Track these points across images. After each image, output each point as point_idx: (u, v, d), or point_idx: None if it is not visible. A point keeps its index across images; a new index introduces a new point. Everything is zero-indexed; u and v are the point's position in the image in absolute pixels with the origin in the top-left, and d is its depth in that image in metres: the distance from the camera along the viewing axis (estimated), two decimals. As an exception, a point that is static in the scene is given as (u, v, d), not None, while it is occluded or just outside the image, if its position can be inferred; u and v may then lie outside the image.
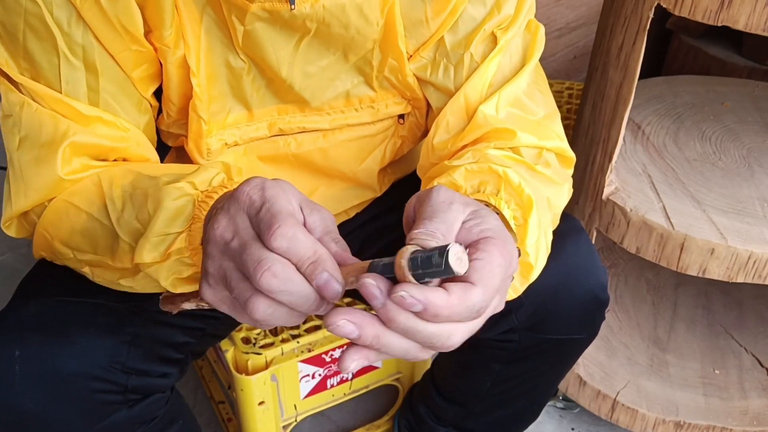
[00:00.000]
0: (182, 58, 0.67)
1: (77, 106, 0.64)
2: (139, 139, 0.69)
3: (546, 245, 0.65)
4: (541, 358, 0.85)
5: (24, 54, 0.63)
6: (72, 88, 0.64)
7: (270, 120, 0.75)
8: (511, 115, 0.71)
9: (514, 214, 0.61)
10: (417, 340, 0.46)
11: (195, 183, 0.57)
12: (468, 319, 0.46)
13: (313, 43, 0.70)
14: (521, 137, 0.69)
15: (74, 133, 0.64)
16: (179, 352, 0.77)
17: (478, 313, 0.46)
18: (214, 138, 0.72)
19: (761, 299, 1.39)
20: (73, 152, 0.64)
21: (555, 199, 0.70)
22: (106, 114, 0.66)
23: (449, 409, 0.99)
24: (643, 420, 1.15)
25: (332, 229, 0.51)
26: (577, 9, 1.91)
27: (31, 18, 0.61)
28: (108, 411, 0.70)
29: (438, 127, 0.73)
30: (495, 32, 0.71)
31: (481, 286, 0.45)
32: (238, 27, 0.66)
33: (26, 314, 0.67)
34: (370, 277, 0.45)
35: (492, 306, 0.49)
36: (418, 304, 0.43)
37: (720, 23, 0.84)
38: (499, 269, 0.47)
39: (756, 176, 1.09)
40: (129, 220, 0.61)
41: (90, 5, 0.61)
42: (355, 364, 0.46)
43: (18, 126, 0.64)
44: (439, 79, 0.73)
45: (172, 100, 0.70)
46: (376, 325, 0.45)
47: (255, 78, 0.71)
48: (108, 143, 0.66)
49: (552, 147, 0.72)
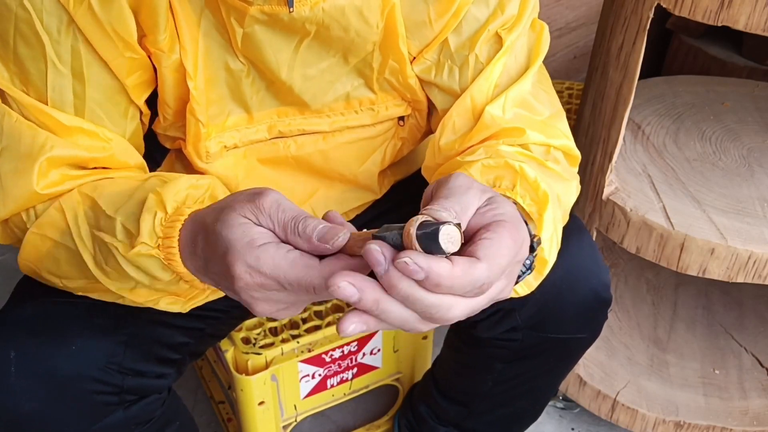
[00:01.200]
0: (178, 61, 0.67)
1: (59, 116, 0.64)
2: (123, 147, 0.69)
3: (557, 241, 0.66)
4: (543, 358, 0.85)
5: (14, 59, 0.62)
6: (58, 96, 0.64)
7: (270, 122, 0.75)
8: (517, 115, 0.71)
9: (530, 209, 0.62)
10: (416, 309, 0.46)
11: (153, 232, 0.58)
12: (470, 294, 0.46)
13: (313, 46, 0.69)
14: (530, 135, 0.69)
15: (51, 147, 0.63)
16: (177, 352, 0.77)
17: (480, 290, 0.46)
18: (214, 141, 0.72)
19: (761, 299, 1.39)
20: (50, 165, 0.64)
21: (564, 195, 0.70)
22: (88, 124, 0.65)
23: (450, 408, 0.99)
24: (643, 420, 1.15)
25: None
26: (577, 9, 1.91)
27: (21, 24, 0.60)
28: (104, 412, 0.70)
29: (444, 128, 0.73)
30: (499, 32, 0.71)
31: (486, 262, 0.46)
32: (237, 29, 0.66)
33: (22, 315, 0.67)
34: (375, 243, 0.45)
35: (497, 288, 0.49)
36: (420, 271, 0.43)
37: (720, 23, 0.84)
38: (507, 250, 0.47)
39: (756, 176, 1.09)
40: (100, 261, 0.62)
41: (84, 12, 0.61)
42: (353, 327, 0.46)
43: (0, 135, 0.64)
44: (444, 80, 0.73)
45: (168, 104, 0.70)
46: (377, 291, 0.45)
47: (254, 80, 0.71)
48: (86, 154, 0.66)
49: (559, 145, 0.72)
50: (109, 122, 0.67)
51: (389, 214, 0.89)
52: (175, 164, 0.80)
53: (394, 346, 1.09)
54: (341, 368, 1.06)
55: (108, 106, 0.67)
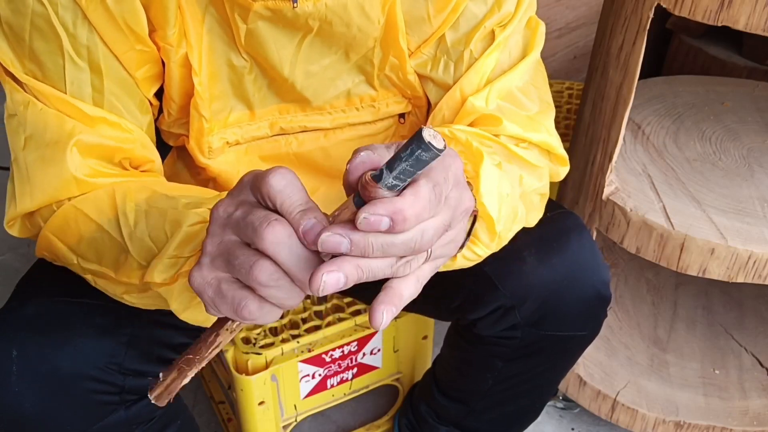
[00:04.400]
0: (185, 56, 0.67)
1: (82, 106, 0.64)
2: (143, 141, 0.69)
3: (514, 212, 0.66)
4: (543, 355, 0.86)
5: (30, 54, 0.63)
6: (77, 89, 0.64)
7: (271, 119, 0.75)
8: (500, 107, 0.71)
9: (465, 167, 0.60)
10: (395, 253, 0.44)
11: None
12: (434, 212, 0.45)
13: (315, 42, 0.70)
14: (506, 126, 0.70)
15: (80, 132, 0.64)
16: (177, 353, 0.76)
17: (438, 200, 0.45)
18: (216, 136, 0.73)
19: (761, 299, 1.39)
20: (81, 152, 0.64)
21: (530, 179, 0.70)
22: (110, 115, 0.66)
23: (450, 407, 0.99)
24: (643, 420, 1.15)
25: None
26: (577, 9, 1.91)
27: (37, 19, 0.61)
28: (105, 411, 0.70)
29: (434, 120, 0.74)
30: (494, 29, 0.71)
31: (422, 177, 0.44)
32: (241, 26, 0.66)
33: (24, 314, 0.67)
34: (326, 231, 0.44)
35: (453, 198, 0.47)
36: (384, 217, 0.42)
37: (720, 23, 0.84)
38: (436, 164, 0.45)
39: (756, 176, 1.09)
40: (141, 236, 0.61)
41: (95, 6, 0.61)
42: (338, 283, 0.44)
43: (23, 125, 0.64)
44: (439, 74, 0.74)
45: (174, 99, 0.71)
46: (353, 261, 0.44)
47: (257, 77, 0.72)
48: (113, 143, 0.66)
49: (537, 140, 0.72)
50: (128, 114, 0.68)
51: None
52: (176, 163, 0.80)
53: (394, 346, 1.09)
54: (341, 368, 1.06)
55: (125, 98, 0.67)
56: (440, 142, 0.41)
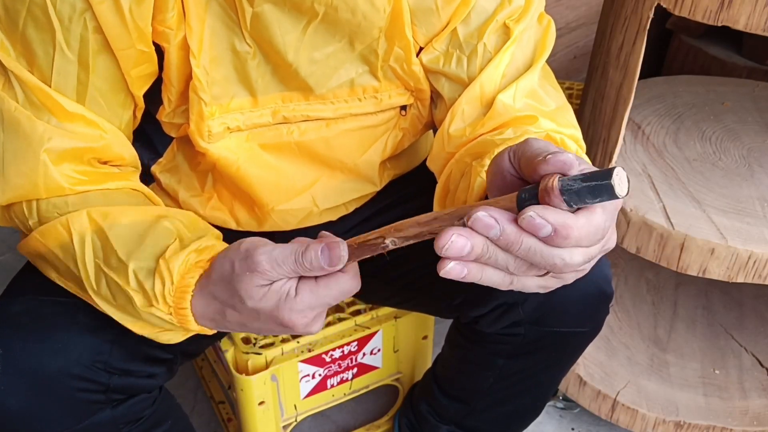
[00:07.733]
0: (184, 39, 0.68)
1: (62, 101, 0.64)
2: (118, 139, 0.70)
3: None
4: (544, 353, 0.86)
5: (21, 40, 0.63)
6: (62, 79, 0.64)
7: (274, 107, 0.75)
8: (527, 105, 0.72)
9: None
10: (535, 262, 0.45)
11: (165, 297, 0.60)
12: (594, 242, 0.46)
13: (320, 29, 0.70)
14: (542, 122, 0.70)
15: (49, 138, 0.64)
16: (167, 352, 0.76)
17: (601, 235, 0.46)
18: (217, 121, 0.73)
19: (761, 299, 1.39)
20: (52, 160, 0.65)
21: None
22: (89, 113, 0.66)
23: (451, 406, 0.99)
24: (643, 420, 1.15)
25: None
26: (577, 9, 1.91)
27: (34, 8, 0.61)
28: (91, 410, 0.70)
29: (454, 116, 0.73)
30: (507, 23, 0.72)
31: (600, 208, 0.45)
32: (247, 9, 0.67)
33: (10, 312, 0.68)
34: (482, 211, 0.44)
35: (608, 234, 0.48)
36: (549, 225, 0.43)
37: (720, 23, 0.84)
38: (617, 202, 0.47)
39: (756, 176, 1.09)
40: (105, 294, 0.63)
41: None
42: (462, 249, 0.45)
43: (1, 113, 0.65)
44: (452, 69, 0.74)
45: (173, 83, 0.71)
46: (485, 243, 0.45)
47: (260, 63, 0.72)
48: (83, 144, 0.66)
49: (569, 134, 0.72)
50: (108, 110, 0.68)
51: (388, 211, 0.89)
52: (177, 155, 0.80)
53: (394, 346, 1.09)
54: (341, 368, 1.06)
55: (109, 95, 0.68)
56: (625, 187, 0.42)
